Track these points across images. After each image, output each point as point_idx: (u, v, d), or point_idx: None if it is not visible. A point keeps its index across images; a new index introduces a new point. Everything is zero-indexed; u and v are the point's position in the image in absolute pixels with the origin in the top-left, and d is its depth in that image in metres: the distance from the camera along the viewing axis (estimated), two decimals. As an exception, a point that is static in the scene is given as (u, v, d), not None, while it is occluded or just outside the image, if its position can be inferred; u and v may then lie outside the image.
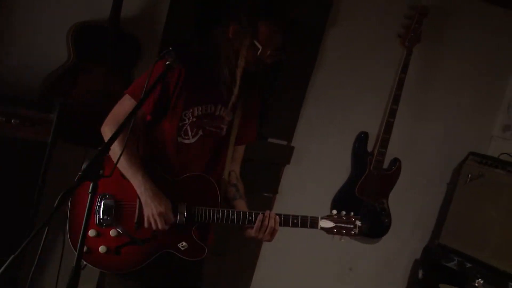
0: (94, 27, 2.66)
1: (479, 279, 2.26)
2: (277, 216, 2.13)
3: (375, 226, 3.62)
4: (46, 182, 2.45)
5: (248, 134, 2.29)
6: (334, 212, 2.22)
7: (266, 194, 3.31)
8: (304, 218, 2.17)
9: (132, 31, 2.73)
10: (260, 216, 2.11)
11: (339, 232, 2.20)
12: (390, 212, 3.62)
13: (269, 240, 2.16)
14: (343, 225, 2.19)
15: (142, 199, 2.02)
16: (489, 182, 3.61)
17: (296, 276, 3.52)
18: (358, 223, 2.20)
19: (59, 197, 1.45)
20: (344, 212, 2.22)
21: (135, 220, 2.05)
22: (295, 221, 2.16)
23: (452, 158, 3.86)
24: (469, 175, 3.70)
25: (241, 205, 2.24)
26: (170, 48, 1.86)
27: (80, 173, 1.53)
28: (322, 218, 2.19)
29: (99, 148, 1.59)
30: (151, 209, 2.01)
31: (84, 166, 1.54)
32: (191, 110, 2.10)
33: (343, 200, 3.52)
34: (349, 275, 3.69)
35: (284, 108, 3.27)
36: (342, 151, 3.54)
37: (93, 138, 2.11)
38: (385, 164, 3.57)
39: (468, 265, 3.49)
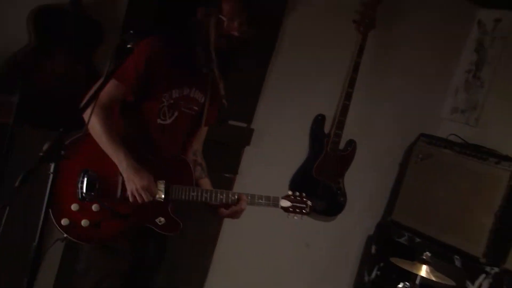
0: (55, 10, 2.60)
1: (427, 252, 2.33)
2: (246, 197, 2.27)
3: (331, 205, 3.68)
4: (8, 164, 2.41)
5: (211, 116, 2.36)
6: (290, 192, 2.38)
7: (226, 175, 3.32)
8: (268, 198, 2.31)
9: (94, 15, 2.68)
10: (241, 202, 2.26)
11: (294, 211, 2.35)
12: (346, 191, 3.68)
13: (237, 218, 2.31)
14: (297, 204, 2.35)
15: (125, 175, 2.07)
16: (438, 162, 3.70)
17: (256, 252, 3.56)
18: (309, 202, 2.36)
19: (19, 178, 1.45)
20: (297, 193, 2.38)
21: (118, 196, 2.09)
22: (260, 200, 2.30)
23: (404, 139, 3.94)
24: (420, 155, 3.78)
25: (207, 183, 2.35)
26: (131, 31, 1.86)
27: (41, 154, 1.53)
28: (282, 198, 2.33)
29: (61, 130, 1.60)
30: (135, 184, 2.07)
31: (45, 147, 1.54)
32: (169, 92, 2.17)
33: (301, 181, 3.56)
34: (306, 251, 3.74)
35: (244, 90, 3.27)
36: (300, 133, 3.57)
37: (55, 120, 2.09)
38: (341, 145, 3.62)
39: (418, 240, 3.59)
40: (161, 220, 2.15)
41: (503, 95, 3.79)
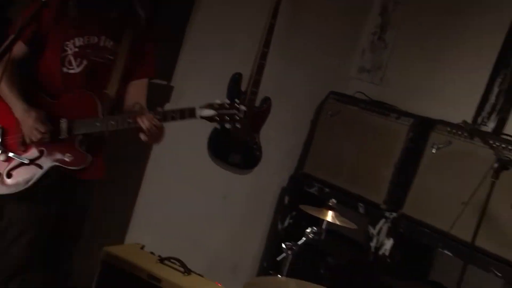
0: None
1: (332, 199, 2.46)
2: (151, 115, 2.14)
3: (247, 159, 3.76)
4: None
5: (144, 69, 2.34)
6: (218, 101, 2.14)
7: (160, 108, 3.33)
8: (182, 111, 2.14)
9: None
10: (142, 118, 2.12)
11: (222, 119, 2.12)
12: (261, 146, 3.78)
13: (158, 141, 2.23)
14: (225, 111, 2.11)
15: (20, 120, 2.09)
16: (346, 118, 3.80)
17: (176, 204, 3.61)
18: (243, 107, 2.12)
19: None
20: (227, 101, 2.13)
21: (20, 141, 2.11)
22: (173, 115, 2.14)
23: (315, 97, 4.05)
24: (329, 112, 3.89)
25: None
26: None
27: None
28: (201, 107, 2.13)
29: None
30: (26, 124, 2.08)
31: None
32: (72, 41, 2.14)
33: (219, 136, 3.61)
34: (224, 202, 3.83)
35: (164, 49, 3.26)
36: (218, 91, 3.60)
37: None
38: (257, 103, 3.70)
39: (327, 190, 3.73)
40: (69, 155, 2.15)
41: (404, 56, 3.95)
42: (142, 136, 2.18)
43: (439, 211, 3.18)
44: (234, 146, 3.66)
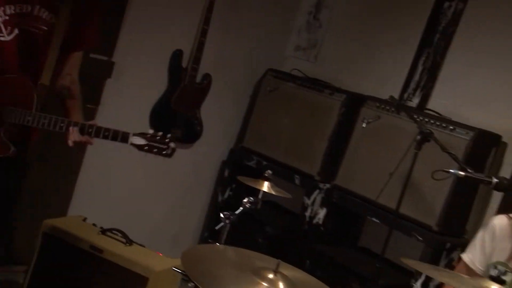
0: None
1: (268, 170, 2.51)
2: (75, 128, 2.05)
3: (189, 133, 3.78)
4: None
5: (84, 40, 2.24)
6: (151, 131, 2.09)
7: (88, 105, 3.30)
8: (115, 133, 2.06)
9: None
10: (69, 134, 2.05)
11: (150, 150, 2.08)
12: (202, 121, 3.80)
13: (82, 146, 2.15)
14: (155, 144, 2.07)
15: None
16: (283, 93, 3.86)
17: (118, 178, 3.60)
18: (172, 145, 2.09)
19: None
20: (160, 133, 2.09)
21: None
22: (106, 133, 2.06)
23: (254, 74, 4.08)
24: (268, 88, 3.93)
25: (73, 104, 2.22)
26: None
27: None
28: (134, 134, 2.07)
29: None
30: None
31: None
32: (1, 8, 2.01)
33: (161, 111, 3.61)
34: (165, 175, 3.84)
35: (105, 23, 3.21)
36: (159, 67, 3.60)
37: None
38: (198, 79, 3.71)
39: (265, 163, 3.79)
40: None
41: (338, 35, 4.03)
42: (69, 142, 2.08)
43: (369, 182, 3.29)
44: (176, 121, 3.67)
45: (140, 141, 2.07)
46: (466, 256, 2.17)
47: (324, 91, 3.67)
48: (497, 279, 1.54)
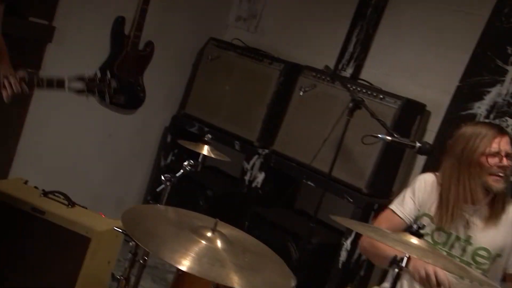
0: None
1: (208, 134, 2.51)
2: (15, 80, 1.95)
3: (132, 100, 3.72)
4: None
5: None
6: (87, 74, 2.03)
7: (29, 70, 3.18)
8: (50, 80, 1.97)
9: None
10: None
11: (91, 91, 2.03)
12: (145, 88, 3.74)
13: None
14: (96, 85, 2.03)
15: None
16: (224, 62, 3.84)
17: (61, 141, 3.51)
18: (113, 82, 2.06)
19: None
20: (98, 74, 2.02)
21: None
22: (40, 83, 1.96)
23: (196, 42, 4.03)
24: (209, 57, 3.90)
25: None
26: None
27: None
28: (70, 80, 2.00)
29: None
30: None
31: None
32: None
33: (103, 77, 3.53)
34: (109, 140, 3.78)
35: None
36: (102, 33, 3.50)
37: None
38: (140, 46, 3.64)
39: (206, 129, 3.76)
40: None
41: (277, 6, 4.02)
42: (5, 99, 1.98)
43: (304, 147, 3.35)
44: (119, 88, 3.58)
45: (79, 85, 1.99)
46: (394, 207, 2.27)
47: (263, 60, 3.69)
48: (416, 233, 1.62)
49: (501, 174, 2.12)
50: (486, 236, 2.16)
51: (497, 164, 2.10)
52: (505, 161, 2.11)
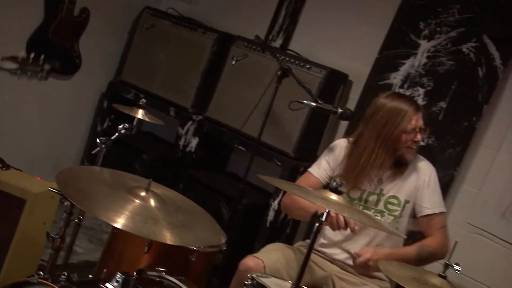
0: None
1: (142, 99, 2.47)
2: None
3: (67, 65, 3.56)
4: None
5: None
6: (22, 54, 1.89)
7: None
8: None
9: None
10: None
11: (24, 71, 1.92)
12: (81, 54, 3.60)
13: None
14: (29, 66, 1.92)
15: None
16: (160, 31, 3.77)
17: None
18: (47, 67, 1.95)
19: None
20: (32, 55, 1.90)
21: None
22: None
23: (132, 10, 3.91)
24: (145, 25, 3.81)
25: None
26: None
27: None
28: (3, 58, 1.87)
29: None
30: None
31: None
32: None
33: (38, 41, 3.35)
34: (45, 105, 3.65)
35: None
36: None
37: None
38: (76, 12, 3.48)
39: (142, 95, 3.69)
40: None
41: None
42: None
43: (236, 114, 3.36)
44: (53, 52, 3.44)
45: (11, 65, 1.89)
46: (312, 169, 2.39)
47: (197, 30, 3.64)
48: (335, 190, 1.69)
49: (414, 147, 2.30)
50: (395, 187, 2.34)
51: (412, 139, 2.24)
52: (419, 136, 2.27)
